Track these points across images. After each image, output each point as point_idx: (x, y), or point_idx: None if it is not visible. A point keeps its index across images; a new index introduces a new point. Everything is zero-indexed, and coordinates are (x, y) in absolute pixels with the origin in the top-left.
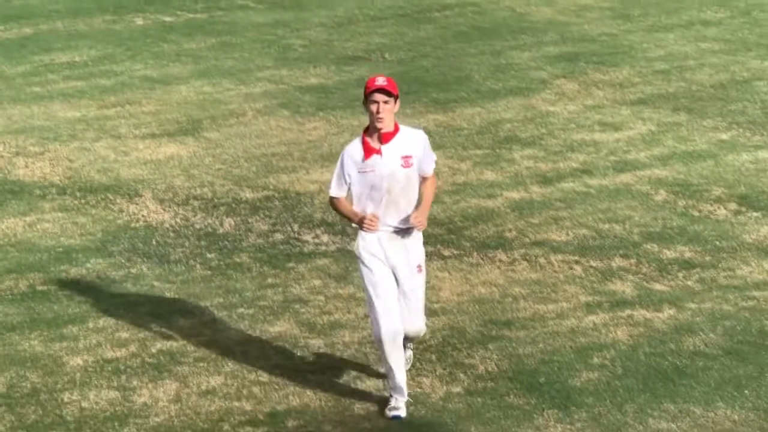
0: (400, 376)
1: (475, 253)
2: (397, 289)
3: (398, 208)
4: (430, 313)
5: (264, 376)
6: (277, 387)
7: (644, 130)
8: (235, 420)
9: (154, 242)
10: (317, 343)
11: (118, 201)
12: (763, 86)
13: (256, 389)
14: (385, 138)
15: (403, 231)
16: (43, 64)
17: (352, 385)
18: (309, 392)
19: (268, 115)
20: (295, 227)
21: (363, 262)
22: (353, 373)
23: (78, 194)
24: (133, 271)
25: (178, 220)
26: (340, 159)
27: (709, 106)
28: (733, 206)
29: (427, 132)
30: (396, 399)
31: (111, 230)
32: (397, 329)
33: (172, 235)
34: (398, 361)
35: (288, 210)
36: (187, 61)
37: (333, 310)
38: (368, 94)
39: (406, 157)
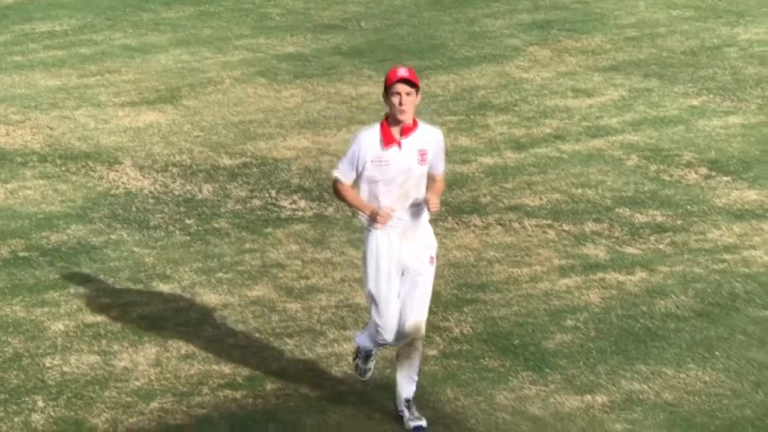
0: (368, 360)
1: (449, 218)
2: (402, 285)
3: (409, 203)
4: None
5: (242, 340)
6: (255, 350)
7: (616, 96)
8: (214, 383)
9: (133, 208)
10: (295, 307)
11: (98, 168)
12: (732, 53)
13: (234, 353)
14: (405, 131)
15: (413, 225)
16: (24, 33)
17: (330, 348)
18: (287, 355)
19: (245, 83)
20: (273, 193)
21: (372, 270)
22: (330, 336)
23: (59, 161)
24: (114, 237)
25: (157, 186)
26: (354, 143)
27: (679, 72)
28: (703, 171)
29: None
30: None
31: (91, 197)
32: (391, 341)
33: (151, 201)
34: (372, 354)
35: (265, 176)
36: (165, 30)
37: (310, 274)
38: (390, 85)
39: (423, 152)
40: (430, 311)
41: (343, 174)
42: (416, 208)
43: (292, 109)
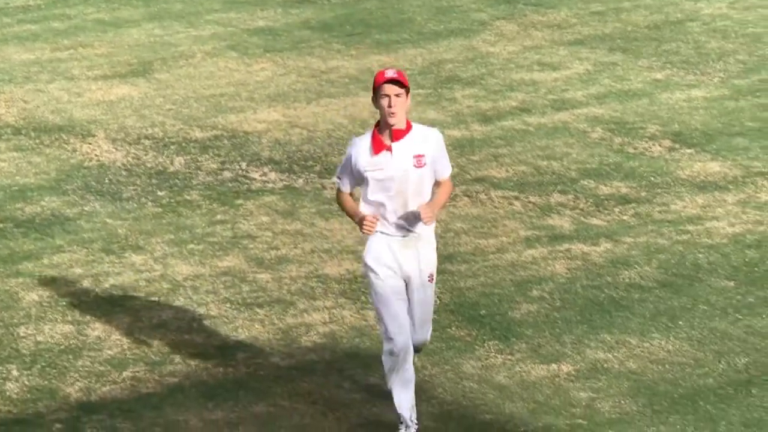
0: (406, 398)
1: None
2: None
3: (409, 211)
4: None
5: (213, 310)
6: (226, 320)
7: (581, 69)
8: (185, 352)
9: (106, 180)
10: (265, 278)
11: (71, 141)
12: (696, 27)
13: (206, 323)
14: (396, 135)
15: (415, 237)
16: None
17: (300, 318)
18: (257, 325)
19: (216, 57)
20: (244, 165)
21: (373, 273)
22: (300, 306)
23: (32, 134)
24: (87, 208)
25: (129, 158)
26: (347, 153)
27: (643, 46)
28: (667, 143)
29: (371, 73)
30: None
31: (65, 169)
32: (410, 346)
33: (124, 173)
34: (406, 376)
35: (236, 148)
36: (137, 5)
37: (280, 245)
38: (377, 87)
39: (419, 156)
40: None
41: (341, 182)
42: (418, 216)
43: (262, 83)
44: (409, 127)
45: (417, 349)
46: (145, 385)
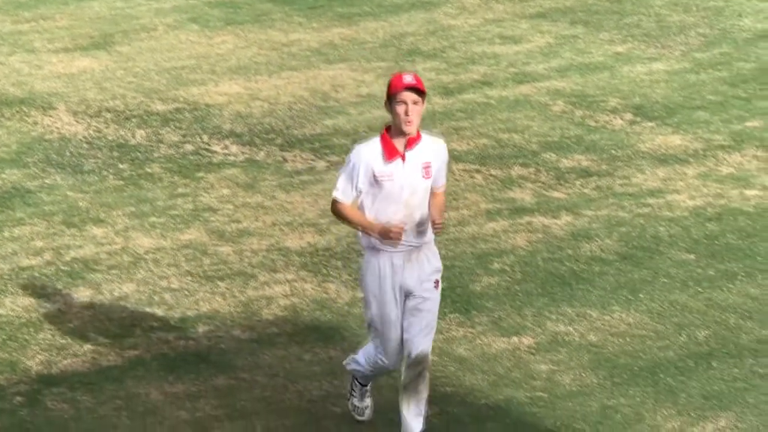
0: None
1: None
2: (405, 309)
3: (414, 222)
4: (335, 221)
5: (175, 283)
6: (187, 293)
7: (542, 42)
8: (146, 325)
9: (67, 153)
10: (226, 251)
11: (32, 113)
12: (657, 0)
13: (167, 296)
14: (410, 143)
15: (418, 247)
16: None
17: (261, 291)
18: (218, 298)
19: (177, 30)
20: (205, 138)
21: (373, 297)
22: (262, 279)
23: None
24: (48, 181)
25: (91, 131)
26: (351, 160)
27: (605, 19)
28: (628, 116)
29: (332, 46)
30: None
31: (26, 142)
32: (388, 367)
33: (85, 146)
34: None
35: (198, 121)
36: None
37: (241, 218)
38: (394, 93)
39: (427, 165)
40: (359, 254)
41: (342, 193)
42: (422, 227)
43: (223, 56)
44: (419, 136)
45: (419, 363)
46: (105, 358)
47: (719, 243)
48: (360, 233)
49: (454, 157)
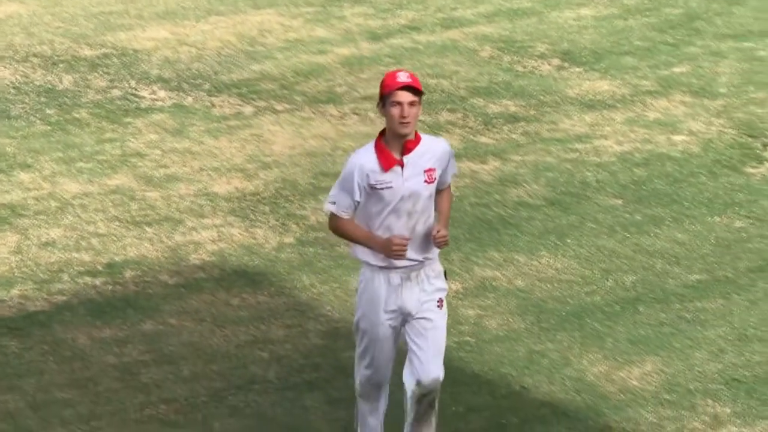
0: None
1: (306, 108)
2: (407, 336)
3: (416, 235)
4: (262, 166)
5: (102, 228)
6: (114, 238)
7: None
8: (74, 271)
9: None
10: (154, 196)
11: None
12: None
13: (94, 241)
14: (407, 147)
15: (420, 263)
16: None
17: (188, 236)
18: (146, 244)
19: None
20: (133, 83)
21: (368, 321)
22: (189, 224)
23: None
24: None
25: (18, 77)
26: (347, 170)
27: None
28: (556, 62)
29: None
30: None
31: None
32: (387, 379)
33: (12, 91)
34: (374, 414)
35: (125, 67)
36: None
37: (169, 163)
38: (388, 93)
39: (430, 170)
40: (287, 200)
41: (339, 207)
42: (425, 240)
43: (151, 0)
44: (418, 138)
45: (430, 392)
46: (33, 303)
47: (646, 188)
48: (354, 247)
49: None
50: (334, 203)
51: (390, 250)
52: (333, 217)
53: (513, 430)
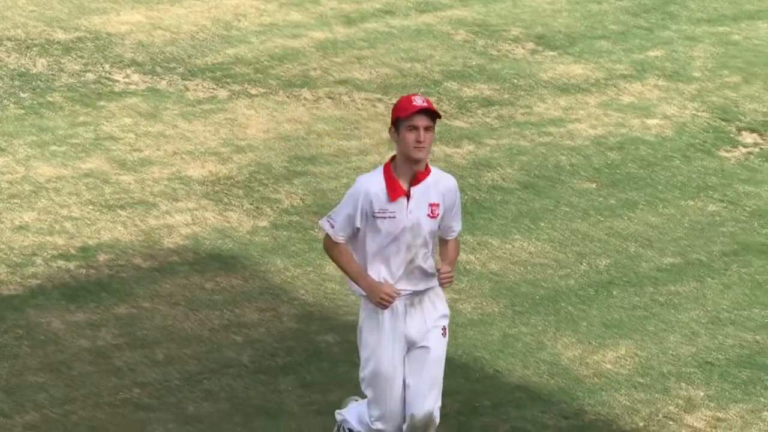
0: None
1: (281, 92)
2: (407, 364)
3: (417, 267)
4: (236, 149)
5: (76, 212)
6: (88, 222)
7: None
8: (47, 254)
9: None
10: (128, 179)
11: None
12: None
13: (68, 224)
14: (417, 178)
15: (422, 293)
16: None
17: (162, 220)
18: (119, 227)
19: None
20: (107, 67)
21: (369, 342)
22: (163, 207)
23: None
24: None
25: None
26: (352, 193)
27: None
28: (530, 45)
29: None
30: None
31: None
32: (398, 426)
33: None
34: None
35: (99, 50)
36: None
37: (143, 147)
38: (405, 117)
39: (434, 205)
40: (261, 183)
41: (336, 230)
42: (422, 274)
43: None
44: (428, 171)
45: (424, 427)
46: (6, 287)
47: (620, 172)
48: (351, 282)
49: (355, 86)
50: (333, 226)
51: (377, 298)
52: (327, 239)
53: (487, 414)
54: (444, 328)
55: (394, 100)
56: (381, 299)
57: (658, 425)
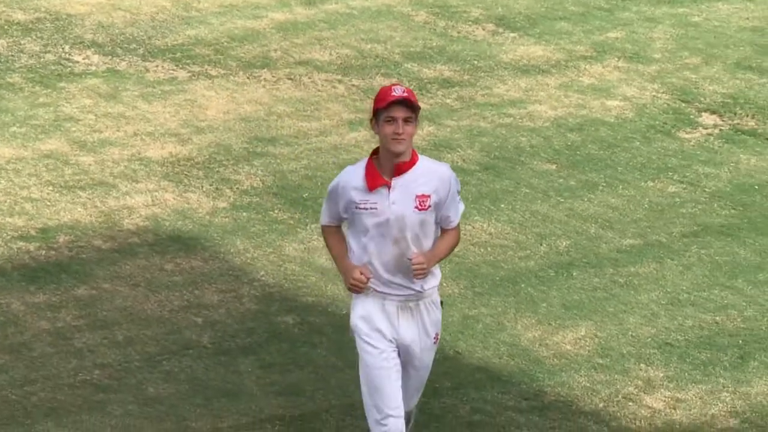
0: None
1: (241, 73)
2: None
3: (407, 264)
4: (196, 131)
5: (35, 193)
6: (48, 203)
7: None
8: (7, 235)
9: None
10: (87, 160)
11: None
12: None
13: (27, 206)
14: (398, 169)
15: (416, 295)
16: None
17: (122, 201)
18: (80, 208)
19: None
20: (66, 48)
21: (363, 338)
22: (123, 188)
23: None
24: None
25: None
26: (332, 185)
27: None
28: (490, 27)
29: None
30: None
31: None
32: (402, 428)
33: None
34: None
35: (59, 31)
36: None
37: (103, 128)
38: (382, 108)
39: (423, 196)
40: (221, 164)
41: (324, 216)
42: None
43: None
44: (414, 160)
45: (406, 418)
46: None
47: (580, 153)
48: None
49: (315, 67)
50: (323, 214)
51: (348, 280)
52: (323, 228)
53: (447, 395)
54: (437, 336)
55: (355, 82)
56: (351, 283)
57: (618, 406)
